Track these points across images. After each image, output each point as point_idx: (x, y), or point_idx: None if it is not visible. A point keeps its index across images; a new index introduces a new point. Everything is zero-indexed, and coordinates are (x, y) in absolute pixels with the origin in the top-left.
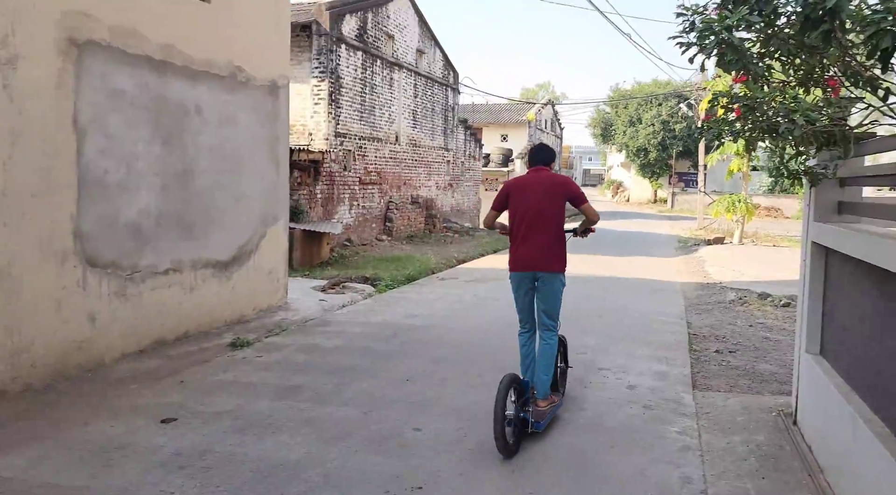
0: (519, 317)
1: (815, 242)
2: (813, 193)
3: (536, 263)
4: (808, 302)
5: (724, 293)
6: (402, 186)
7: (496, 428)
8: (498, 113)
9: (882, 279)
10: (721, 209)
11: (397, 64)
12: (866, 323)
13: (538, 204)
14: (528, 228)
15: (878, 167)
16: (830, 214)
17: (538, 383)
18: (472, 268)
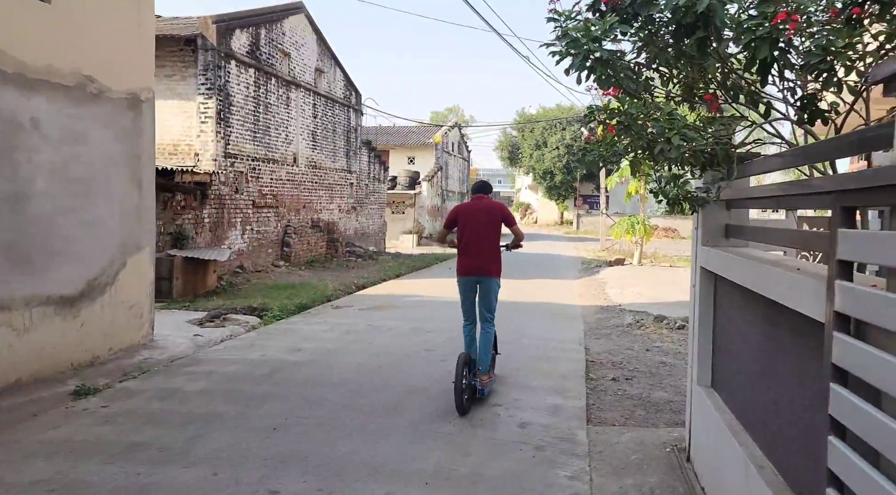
0: (463, 312)
1: (704, 268)
2: (700, 216)
3: (479, 271)
4: (699, 331)
5: (623, 316)
6: (302, 210)
7: (456, 393)
8: (405, 135)
9: (768, 311)
10: (621, 231)
11: (294, 83)
12: (755, 356)
13: (479, 225)
14: (472, 243)
15: (761, 188)
16: (718, 238)
17: (481, 363)
18: (371, 295)
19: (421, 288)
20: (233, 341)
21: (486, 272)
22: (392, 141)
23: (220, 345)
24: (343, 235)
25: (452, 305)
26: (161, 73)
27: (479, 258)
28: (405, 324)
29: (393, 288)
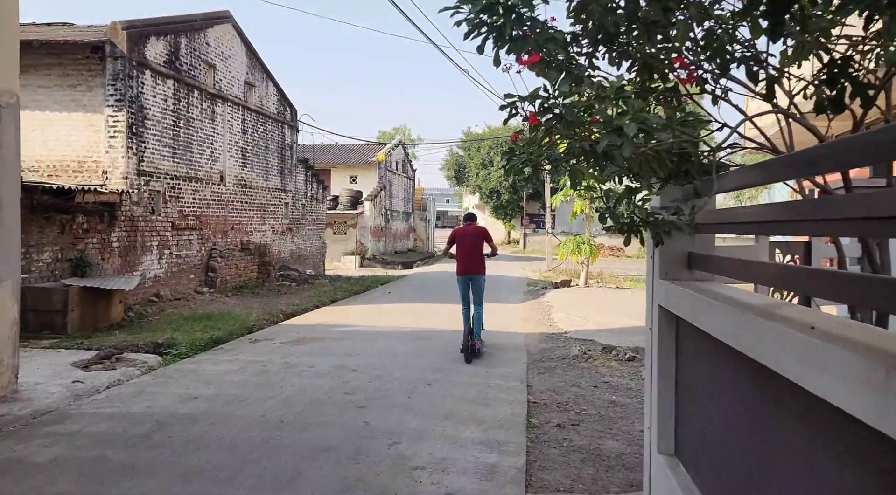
0: (461, 299)
1: (663, 307)
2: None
3: (471, 271)
4: (658, 385)
5: (569, 346)
6: (230, 231)
7: (465, 349)
8: (347, 154)
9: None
10: (567, 251)
11: (221, 96)
12: (736, 426)
13: (471, 241)
14: (465, 254)
15: (745, 210)
16: (679, 269)
17: (476, 331)
18: (298, 325)
19: (354, 316)
20: (120, 388)
21: (475, 272)
22: (333, 159)
23: (101, 394)
24: (277, 258)
25: (385, 336)
26: (64, 82)
27: (470, 264)
28: (327, 360)
29: (324, 316)
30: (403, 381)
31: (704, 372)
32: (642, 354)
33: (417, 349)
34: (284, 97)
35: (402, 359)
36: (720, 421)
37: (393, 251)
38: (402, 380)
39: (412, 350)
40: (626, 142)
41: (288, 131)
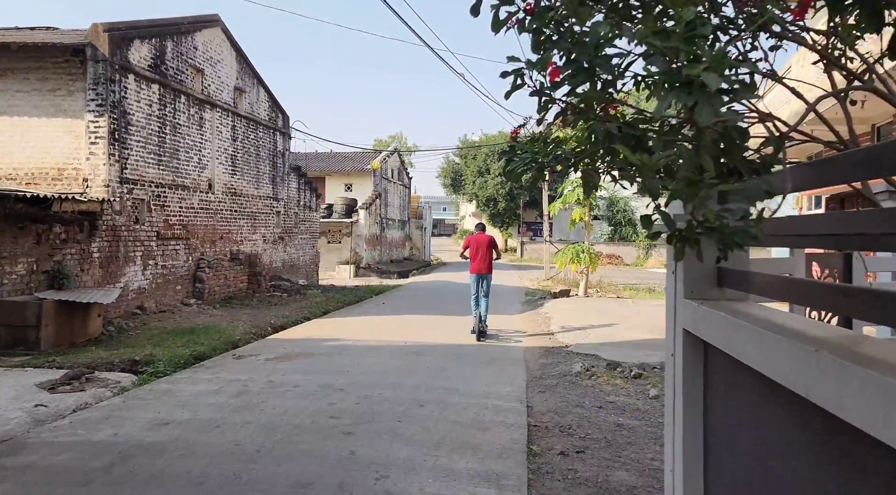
0: (472, 292)
1: (690, 332)
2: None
3: (482, 271)
4: (682, 422)
5: (571, 361)
6: (218, 241)
7: (477, 330)
8: (341, 162)
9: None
10: (566, 260)
11: (209, 102)
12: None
13: (482, 247)
14: (477, 256)
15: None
16: (707, 287)
17: (484, 317)
18: (286, 339)
19: (345, 329)
20: (87, 412)
21: (485, 271)
22: (328, 167)
23: (65, 419)
24: (268, 268)
25: (376, 351)
26: (43, 87)
27: (482, 264)
28: (314, 379)
29: (314, 329)
30: (394, 402)
31: (745, 414)
32: (649, 371)
33: (410, 365)
34: (276, 103)
35: (393, 376)
36: (768, 476)
37: (389, 260)
38: (392, 401)
39: (405, 366)
40: (702, 104)
41: (280, 138)
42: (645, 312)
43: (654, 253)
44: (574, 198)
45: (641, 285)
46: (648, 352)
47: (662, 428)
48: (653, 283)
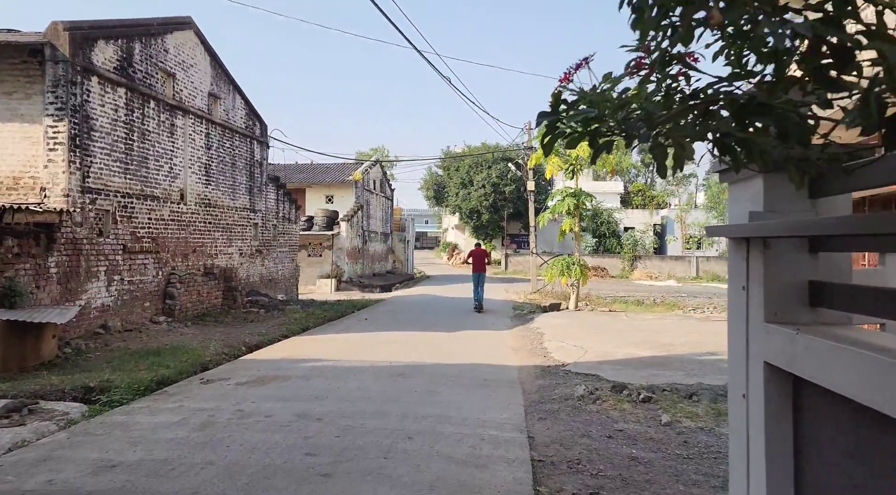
0: (473, 286)
1: (773, 365)
2: (760, 265)
3: (480, 270)
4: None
5: (571, 382)
6: (191, 254)
7: (476, 307)
8: (322, 173)
9: None
10: (555, 272)
11: (181, 107)
12: None
13: (479, 256)
14: (476, 262)
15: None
16: (796, 307)
17: (481, 299)
18: (260, 360)
19: (325, 348)
20: (23, 452)
21: (482, 271)
22: (308, 179)
23: None
24: (245, 283)
25: (358, 373)
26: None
27: (479, 267)
28: (289, 406)
29: (291, 348)
30: (379, 435)
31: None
32: (658, 394)
33: (396, 389)
34: (253, 111)
35: (377, 403)
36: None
37: (371, 273)
38: (377, 433)
39: (390, 390)
40: None
41: (257, 147)
42: (641, 327)
43: (638, 265)
44: (564, 209)
45: (630, 298)
46: (654, 371)
47: (681, 462)
48: (641, 296)
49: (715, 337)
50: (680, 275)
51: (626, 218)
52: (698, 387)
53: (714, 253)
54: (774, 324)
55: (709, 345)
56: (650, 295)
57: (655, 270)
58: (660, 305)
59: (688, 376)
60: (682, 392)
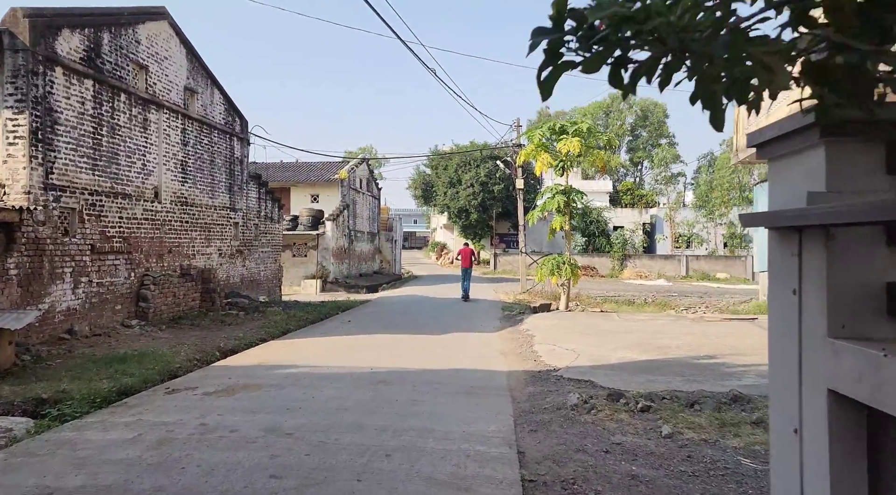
0: (462, 280)
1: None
2: (821, 262)
3: (467, 266)
4: None
5: (563, 389)
6: (167, 255)
7: (463, 297)
8: (307, 171)
9: None
10: (545, 272)
11: (155, 102)
12: None
13: (467, 254)
14: (465, 260)
15: None
16: (869, 318)
17: (468, 290)
18: (233, 366)
19: (304, 352)
20: None
21: (469, 267)
22: (293, 177)
23: None
24: (224, 284)
25: (336, 381)
26: None
27: (466, 264)
28: (257, 419)
29: (268, 353)
30: (353, 452)
31: None
32: (658, 402)
33: (375, 399)
34: (233, 106)
35: (354, 414)
36: None
37: (357, 274)
38: (351, 450)
39: (369, 400)
40: None
41: (237, 144)
42: (634, 328)
43: (628, 264)
44: (554, 206)
45: (620, 297)
46: (651, 377)
47: (687, 480)
48: (631, 295)
49: (711, 339)
50: (670, 274)
51: (616, 217)
52: (699, 395)
53: (703, 251)
54: (843, 341)
55: (706, 347)
56: (641, 294)
57: (645, 269)
58: (651, 305)
59: (687, 382)
60: (683, 400)
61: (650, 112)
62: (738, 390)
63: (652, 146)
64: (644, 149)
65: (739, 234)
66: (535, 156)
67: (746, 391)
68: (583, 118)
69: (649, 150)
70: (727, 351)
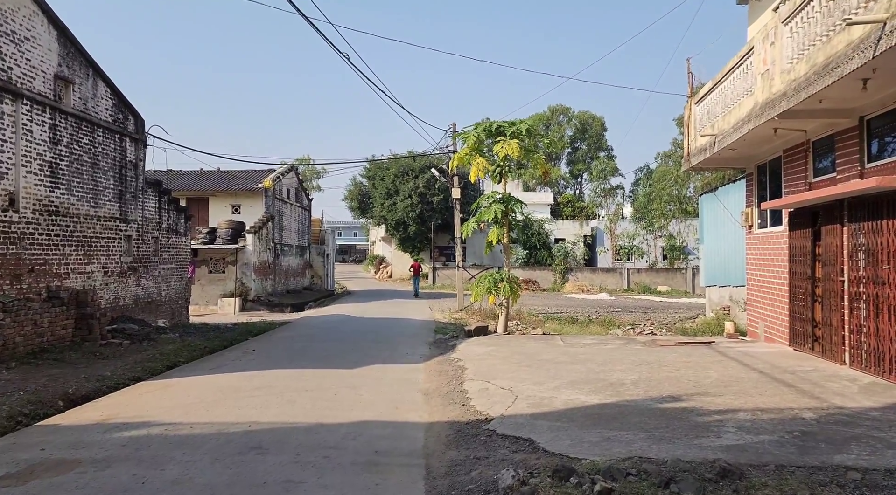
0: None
1: None
2: None
3: (416, 274)
4: None
5: (495, 456)
6: (26, 275)
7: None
8: (229, 180)
9: None
10: (482, 290)
11: (9, 90)
12: None
13: (417, 268)
14: (416, 270)
15: None
16: None
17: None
18: (62, 427)
19: (174, 398)
20: None
21: (418, 275)
22: (212, 186)
23: None
24: (111, 307)
25: (191, 450)
26: None
27: (416, 273)
28: None
29: (129, 400)
30: None
31: None
32: (622, 483)
33: (236, 482)
34: (124, 102)
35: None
36: None
37: (284, 290)
38: None
39: (223, 486)
40: None
41: (130, 145)
42: (581, 356)
43: (570, 277)
44: (491, 216)
45: (563, 314)
46: (606, 432)
47: None
48: (574, 310)
49: (669, 370)
50: (611, 288)
51: (557, 229)
52: (674, 467)
53: (644, 264)
54: None
55: (666, 384)
56: (584, 309)
57: (587, 282)
58: (595, 323)
59: (654, 441)
60: (654, 476)
61: (588, 125)
62: (725, 460)
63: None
64: (583, 161)
65: (679, 246)
66: (470, 161)
67: (733, 457)
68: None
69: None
70: (691, 389)
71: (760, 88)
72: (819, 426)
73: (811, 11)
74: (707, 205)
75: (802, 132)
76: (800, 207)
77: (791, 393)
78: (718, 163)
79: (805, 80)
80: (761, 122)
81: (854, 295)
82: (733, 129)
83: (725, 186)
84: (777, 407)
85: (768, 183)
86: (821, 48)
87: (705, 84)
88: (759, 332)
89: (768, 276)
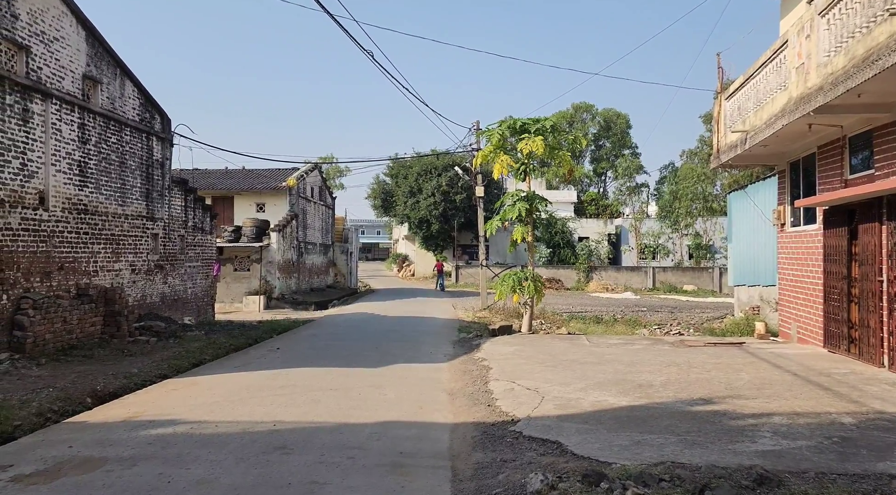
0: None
1: None
2: None
3: (441, 272)
4: None
5: (522, 459)
6: (56, 273)
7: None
8: (253, 179)
9: None
10: (506, 289)
11: (39, 89)
12: None
13: (440, 266)
14: (439, 269)
15: None
16: None
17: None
18: (91, 424)
19: (200, 397)
20: None
21: (442, 271)
22: (237, 185)
23: None
24: (138, 305)
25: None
26: None
27: (441, 272)
28: None
29: (155, 398)
30: None
31: None
32: (654, 489)
33: (259, 484)
34: (151, 102)
35: None
36: None
37: (308, 289)
38: None
39: (248, 487)
40: None
41: (157, 144)
42: (607, 356)
43: (594, 276)
44: (515, 215)
45: (588, 313)
46: (636, 435)
47: None
48: (599, 310)
49: (699, 372)
50: (636, 287)
51: (581, 227)
52: (709, 473)
53: (669, 263)
54: None
55: (696, 386)
56: (609, 309)
57: (612, 281)
58: (621, 322)
59: (686, 445)
60: (688, 483)
61: (613, 122)
62: (762, 467)
63: (615, 156)
64: (607, 159)
65: (705, 245)
66: (494, 159)
67: (770, 463)
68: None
69: (612, 160)
70: (723, 391)
71: (795, 83)
72: (859, 431)
73: (850, 2)
74: (736, 204)
75: (838, 128)
76: (835, 205)
77: (828, 397)
78: (749, 160)
79: (843, 74)
80: (796, 118)
81: (894, 295)
82: (766, 125)
83: (755, 184)
84: (814, 412)
85: (801, 180)
86: (860, 40)
87: (735, 80)
88: (792, 333)
89: (801, 276)
